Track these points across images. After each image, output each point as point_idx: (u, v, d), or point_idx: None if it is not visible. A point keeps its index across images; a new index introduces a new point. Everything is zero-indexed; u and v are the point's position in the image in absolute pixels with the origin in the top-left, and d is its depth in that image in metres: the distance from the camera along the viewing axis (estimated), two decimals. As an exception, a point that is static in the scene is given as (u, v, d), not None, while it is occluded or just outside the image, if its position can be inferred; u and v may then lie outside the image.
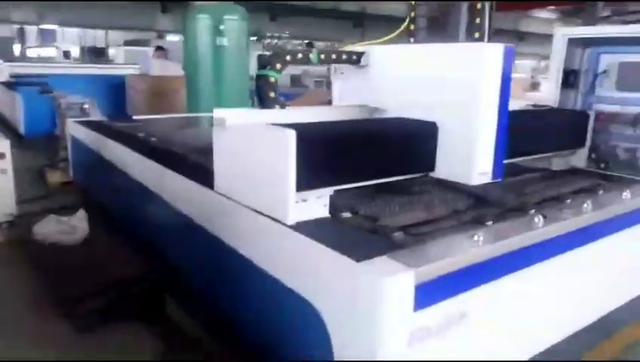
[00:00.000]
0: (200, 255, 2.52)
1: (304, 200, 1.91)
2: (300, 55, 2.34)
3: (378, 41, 2.59)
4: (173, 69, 7.43)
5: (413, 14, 2.44)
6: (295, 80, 16.25)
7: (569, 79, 4.05)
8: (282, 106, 2.30)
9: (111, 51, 19.99)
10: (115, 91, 7.74)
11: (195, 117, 5.30)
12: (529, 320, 2.05)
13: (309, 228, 1.85)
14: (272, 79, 2.26)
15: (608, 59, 3.98)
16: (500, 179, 2.25)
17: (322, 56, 2.42)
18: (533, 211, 2.14)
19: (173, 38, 22.36)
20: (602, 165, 3.33)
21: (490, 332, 1.86)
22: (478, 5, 2.13)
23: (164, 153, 3.18)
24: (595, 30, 4.35)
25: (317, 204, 1.97)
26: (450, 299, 1.67)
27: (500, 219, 2.06)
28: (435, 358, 1.65)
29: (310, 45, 24.46)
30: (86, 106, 5.47)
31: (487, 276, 1.79)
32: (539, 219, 2.02)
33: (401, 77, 2.43)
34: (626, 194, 2.49)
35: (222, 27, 5.94)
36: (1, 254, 3.50)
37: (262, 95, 2.27)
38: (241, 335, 2.22)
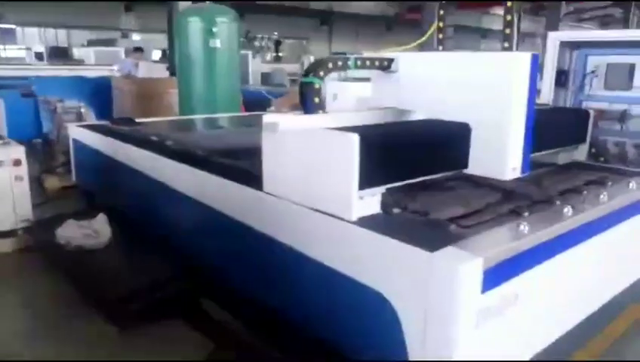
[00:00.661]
0: (245, 254, 2.64)
1: (361, 198, 2.08)
2: (340, 63, 2.49)
3: (406, 47, 2.77)
4: (159, 70, 7.41)
5: (441, 24, 2.63)
6: (265, 77, 16.31)
7: (560, 79, 4.36)
8: (324, 111, 2.46)
9: (76, 51, 19.51)
10: (98, 93, 7.66)
11: (196, 119, 5.37)
12: (564, 298, 2.28)
13: (371, 224, 2.01)
14: (317, 86, 2.41)
15: (595, 61, 4.30)
16: (527, 173, 2.47)
17: (359, 63, 2.58)
18: (558, 203, 2.38)
19: (136, 38, 22.00)
20: (602, 159, 3.62)
21: (536, 310, 2.08)
22: (508, 17, 2.33)
23: (198, 157, 3.28)
24: (583, 34, 4.69)
25: (372, 201, 2.13)
26: (506, 282, 1.87)
27: (533, 210, 2.28)
28: (495, 336, 1.85)
29: (278, 43, 24.50)
30: (82, 110, 5.47)
31: (533, 261, 2.00)
32: (568, 210, 2.25)
33: (430, 81, 2.61)
34: (632, 184, 2.77)
35: (215, 29, 6.01)
36: (29, 260, 3.52)
37: (307, 101, 2.41)
38: (296, 331, 2.36)
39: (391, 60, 2.71)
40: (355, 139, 1.93)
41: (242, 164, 3.00)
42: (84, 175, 4.76)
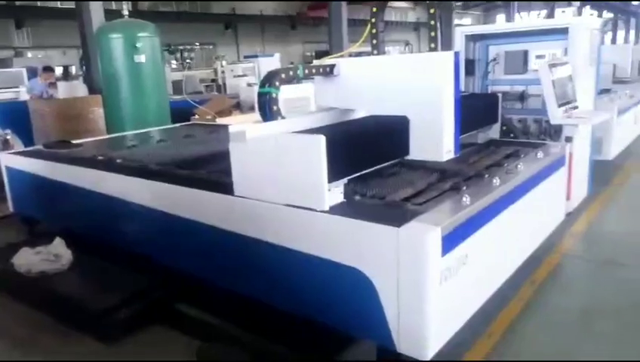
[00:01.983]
0: (221, 256, 2.87)
1: (329, 190, 2.39)
2: (290, 72, 2.78)
3: (346, 51, 3.11)
4: (79, 89, 7.23)
5: (373, 23, 2.98)
6: (177, 85, 16.07)
7: (468, 68, 4.93)
8: (282, 118, 2.74)
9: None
10: (16, 118, 7.33)
11: (131, 135, 5.40)
12: (500, 254, 2.74)
13: (341, 210, 2.34)
14: (274, 95, 2.69)
15: (495, 50, 4.92)
16: (458, 154, 2.91)
17: (306, 71, 2.88)
18: (487, 176, 2.83)
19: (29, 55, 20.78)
20: (512, 135, 4.20)
21: (481, 266, 2.50)
22: (432, 22, 2.73)
23: (157, 170, 3.42)
24: (483, 28, 5.34)
25: (336, 192, 2.45)
26: (458, 245, 2.27)
27: (469, 185, 2.71)
28: (453, 291, 2.25)
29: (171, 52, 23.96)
30: (9, 138, 5.31)
31: (476, 226, 2.42)
32: (496, 181, 2.70)
33: (368, 83, 2.98)
34: (539, 154, 3.31)
35: (138, 45, 6.05)
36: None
37: (266, 109, 2.68)
38: (282, 318, 2.63)
39: (332, 66, 3.04)
40: (322, 139, 2.23)
41: (203, 173, 3.22)
42: (23, 203, 4.68)
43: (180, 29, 22.80)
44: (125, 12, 6.35)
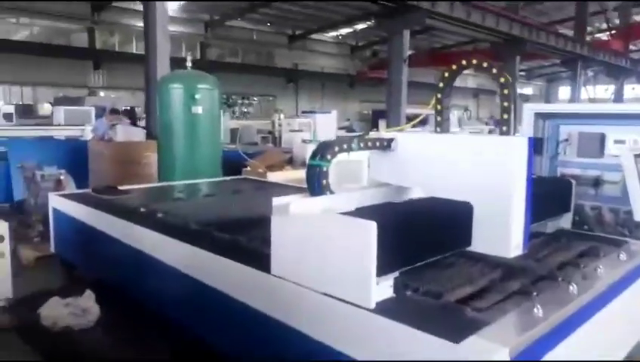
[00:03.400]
0: (246, 335, 2.59)
1: (377, 284, 2.09)
2: (344, 145, 2.56)
3: (401, 127, 2.87)
4: (137, 134, 7.37)
5: (437, 101, 2.74)
6: (234, 134, 16.32)
7: (536, 147, 4.57)
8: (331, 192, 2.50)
9: (41, 109, 19.23)
10: (74, 157, 7.53)
11: (180, 185, 5.33)
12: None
13: (388, 310, 2.02)
14: (325, 168, 2.46)
15: (567, 130, 4.56)
16: (526, 250, 2.55)
17: (362, 144, 2.66)
18: (561, 279, 2.45)
19: (101, 94, 21.93)
20: (585, 226, 3.78)
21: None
22: (505, 103, 2.47)
23: (193, 231, 3.25)
24: (554, 107, 5.01)
25: (385, 286, 2.15)
26: (528, 368, 1.89)
27: (540, 289, 2.34)
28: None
29: (229, 105, 24.68)
30: (62, 178, 5.35)
31: (549, 344, 2.04)
32: (573, 288, 2.32)
33: (429, 160, 2.71)
34: (622, 256, 2.89)
35: (197, 96, 6.09)
36: (11, 342, 3.33)
37: (314, 183, 2.46)
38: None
39: (390, 140, 2.80)
40: (372, 227, 1.96)
41: (243, 240, 2.99)
42: (64, 246, 4.61)
43: (244, 80, 23.61)
44: (189, 63, 6.45)
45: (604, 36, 25.36)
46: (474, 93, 45.36)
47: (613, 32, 22.71)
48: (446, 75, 2.68)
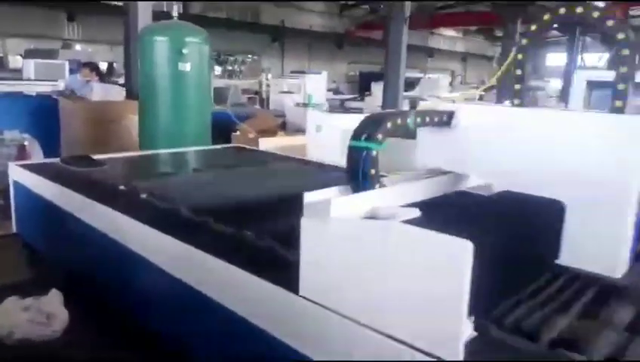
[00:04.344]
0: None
1: (458, 321, 1.47)
2: (399, 120, 1.89)
3: (467, 93, 2.21)
4: (117, 93, 6.55)
5: (516, 65, 2.07)
6: (218, 94, 15.40)
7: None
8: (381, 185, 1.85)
9: (12, 62, 17.96)
10: (43, 116, 6.67)
11: (167, 154, 4.61)
12: None
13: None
14: (374, 153, 1.80)
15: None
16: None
17: (418, 120, 1.99)
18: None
19: (78, 48, 20.74)
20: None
21: None
22: (624, 68, 1.81)
23: (190, 222, 2.57)
24: (607, 74, 4.36)
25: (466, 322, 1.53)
26: None
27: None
28: None
29: (220, 62, 23.60)
30: (26, 144, 4.58)
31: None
32: None
33: (502, 142, 2.07)
34: None
35: (185, 51, 5.29)
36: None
37: (360, 172, 1.79)
38: None
39: (450, 114, 2.15)
40: (467, 248, 1.32)
41: (250, 237, 2.33)
42: (27, 226, 3.90)
43: (226, 37, 22.37)
44: (175, 14, 5.61)
45: (601, 3, 24.61)
46: (462, 57, 44.60)
47: (613, -3, 21.94)
48: (533, 28, 2.01)
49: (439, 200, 1.97)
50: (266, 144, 6.97)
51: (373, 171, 1.80)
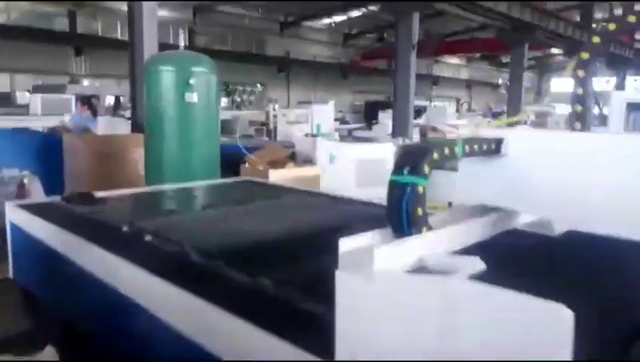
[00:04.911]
0: None
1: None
2: (446, 150, 1.61)
3: (510, 119, 1.93)
4: (124, 127, 6.36)
5: (581, 77, 1.78)
6: (225, 126, 15.24)
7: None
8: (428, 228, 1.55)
9: (20, 97, 18.03)
10: (48, 152, 6.47)
11: (172, 190, 4.34)
12: None
13: None
14: (420, 189, 1.51)
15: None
16: None
17: (467, 148, 1.71)
18: None
19: (85, 83, 20.91)
20: None
21: None
22: None
23: (197, 270, 2.28)
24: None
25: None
26: None
27: None
28: None
29: (229, 93, 23.64)
30: (25, 181, 4.34)
31: None
32: None
33: (563, 172, 1.78)
34: None
35: (191, 81, 5.09)
36: None
37: (403, 212, 1.50)
38: None
39: (499, 142, 1.86)
40: (566, 316, 1.02)
41: (269, 286, 2.03)
42: (25, 272, 3.61)
43: (232, 68, 22.52)
44: (182, 42, 5.44)
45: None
46: (466, 84, 44.72)
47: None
48: (595, 40, 1.73)
49: (496, 243, 1.67)
50: (276, 175, 6.73)
51: (420, 211, 1.51)
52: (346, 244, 1.43)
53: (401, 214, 1.50)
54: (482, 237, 1.76)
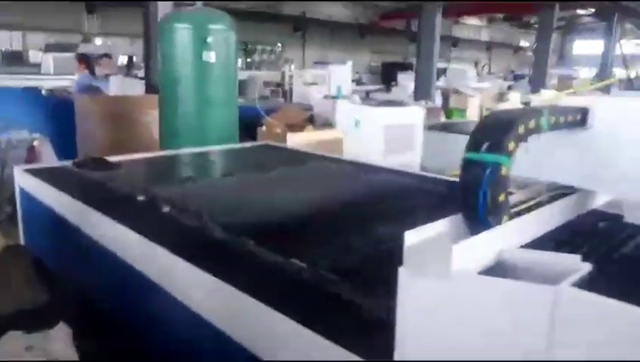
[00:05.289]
0: None
1: None
2: (532, 123, 1.31)
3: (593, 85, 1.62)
4: (138, 87, 6.07)
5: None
6: (239, 87, 14.80)
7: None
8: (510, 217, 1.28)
9: (32, 56, 17.76)
10: (59, 114, 6.22)
11: (191, 154, 4.09)
12: None
13: None
14: (504, 170, 1.22)
15: None
16: None
17: (552, 120, 1.41)
18: None
19: (98, 42, 20.58)
20: None
21: None
22: None
23: (221, 247, 2.03)
24: None
25: None
26: None
27: None
28: None
29: (248, 53, 23.17)
30: (36, 144, 4.11)
31: None
32: None
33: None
34: None
35: (209, 39, 4.75)
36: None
37: (482, 199, 1.22)
38: None
39: (585, 112, 1.56)
40: None
41: (307, 270, 1.78)
42: (35, 239, 3.42)
43: (248, 27, 21.91)
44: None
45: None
46: (486, 47, 43.46)
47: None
48: None
49: (585, 232, 1.40)
50: (295, 139, 6.44)
51: (502, 197, 1.23)
52: (412, 237, 1.16)
53: (477, 201, 1.22)
54: (560, 223, 1.49)
